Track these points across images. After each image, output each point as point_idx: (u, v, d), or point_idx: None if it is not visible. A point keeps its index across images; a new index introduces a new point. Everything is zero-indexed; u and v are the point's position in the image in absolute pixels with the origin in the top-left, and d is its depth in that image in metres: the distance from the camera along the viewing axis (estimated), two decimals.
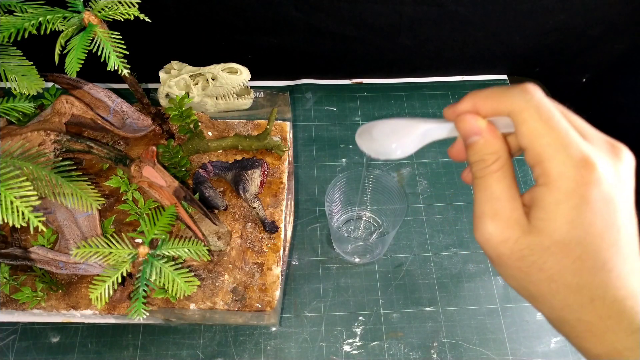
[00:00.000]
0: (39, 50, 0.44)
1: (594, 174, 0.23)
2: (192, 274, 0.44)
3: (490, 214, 0.25)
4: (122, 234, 0.46)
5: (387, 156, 0.31)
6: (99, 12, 0.42)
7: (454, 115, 0.27)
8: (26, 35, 0.41)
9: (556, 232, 0.24)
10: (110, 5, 0.43)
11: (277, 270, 0.53)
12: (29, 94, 0.44)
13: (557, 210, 0.24)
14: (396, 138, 0.30)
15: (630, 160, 0.25)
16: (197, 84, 0.63)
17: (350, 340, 0.56)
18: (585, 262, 0.23)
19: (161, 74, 0.63)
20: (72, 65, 0.40)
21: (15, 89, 0.43)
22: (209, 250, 0.48)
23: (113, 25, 0.43)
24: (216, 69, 0.62)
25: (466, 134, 0.27)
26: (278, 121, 0.63)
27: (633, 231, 0.24)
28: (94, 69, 0.44)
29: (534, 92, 0.24)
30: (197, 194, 0.53)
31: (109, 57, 0.41)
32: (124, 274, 0.43)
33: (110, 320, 0.53)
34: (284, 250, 0.55)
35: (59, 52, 0.41)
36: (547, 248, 0.24)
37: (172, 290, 0.43)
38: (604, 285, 0.23)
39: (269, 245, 0.55)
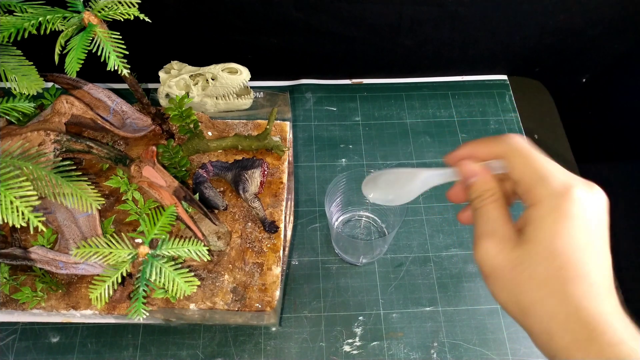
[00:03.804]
0: (39, 50, 0.44)
1: (573, 194, 0.28)
2: (192, 274, 0.44)
3: (488, 233, 0.30)
4: (122, 234, 0.46)
5: (391, 203, 0.36)
6: (99, 12, 0.42)
7: (453, 160, 0.34)
8: (26, 35, 0.41)
9: (542, 241, 0.28)
10: (110, 5, 0.43)
11: (277, 270, 0.53)
12: (29, 94, 0.44)
13: (542, 223, 0.28)
14: (399, 186, 0.35)
15: (604, 197, 0.29)
16: (197, 84, 0.63)
17: (350, 340, 0.56)
18: (569, 272, 0.27)
19: (161, 74, 0.63)
20: (72, 65, 0.40)
21: (15, 89, 0.43)
22: (209, 250, 0.48)
23: (113, 25, 0.43)
24: (216, 69, 0.62)
25: (466, 175, 0.33)
26: (278, 121, 0.63)
27: (607, 258, 0.27)
28: (94, 69, 0.44)
29: (518, 138, 0.31)
30: (197, 194, 0.53)
31: (109, 57, 0.41)
32: (124, 274, 0.43)
33: (110, 320, 0.53)
34: (283, 250, 0.55)
35: (59, 52, 0.41)
36: (535, 254, 0.28)
37: (172, 290, 0.43)
38: (587, 297, 0.26)
39: (269, 245, 0.55)
